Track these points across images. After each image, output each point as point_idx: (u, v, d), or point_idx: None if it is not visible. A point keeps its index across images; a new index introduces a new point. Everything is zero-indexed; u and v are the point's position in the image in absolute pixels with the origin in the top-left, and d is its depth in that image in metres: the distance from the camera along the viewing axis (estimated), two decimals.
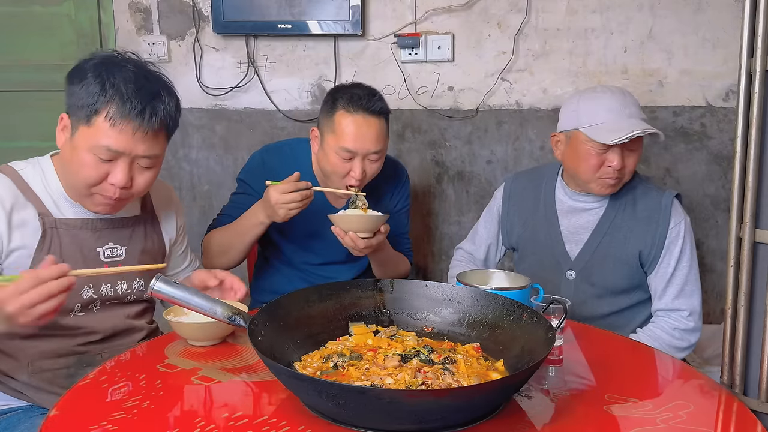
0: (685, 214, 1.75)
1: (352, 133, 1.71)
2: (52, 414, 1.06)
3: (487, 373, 1.16)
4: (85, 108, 1.31)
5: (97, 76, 1.31)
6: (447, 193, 2.65)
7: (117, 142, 1.31)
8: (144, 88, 1.33)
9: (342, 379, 1.12)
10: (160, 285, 1.18)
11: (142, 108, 1.31)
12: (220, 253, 1.81)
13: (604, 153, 1.67)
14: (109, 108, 1.30)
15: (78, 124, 1.33)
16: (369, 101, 1.72)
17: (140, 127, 1.32)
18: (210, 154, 2.70)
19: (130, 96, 1.30)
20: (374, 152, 1.74)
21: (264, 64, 2.62)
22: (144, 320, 1.57)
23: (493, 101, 2.57)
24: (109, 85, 1.30)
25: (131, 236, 1.50)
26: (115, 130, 1.30)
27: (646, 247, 1.73)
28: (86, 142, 1.32)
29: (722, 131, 2.50)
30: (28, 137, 2.64)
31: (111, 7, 2.64)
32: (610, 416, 1.08)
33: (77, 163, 1.33)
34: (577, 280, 1.79)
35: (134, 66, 1.36)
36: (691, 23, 2.45)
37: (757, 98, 1.37)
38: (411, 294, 1.38)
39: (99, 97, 1.30)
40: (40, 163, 1.43)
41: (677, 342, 1.69)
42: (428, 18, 2.53)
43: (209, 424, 1.02)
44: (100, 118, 1.30)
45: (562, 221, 1.82)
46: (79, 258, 1.41)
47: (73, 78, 1.35)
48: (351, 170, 1.74)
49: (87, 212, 1.43)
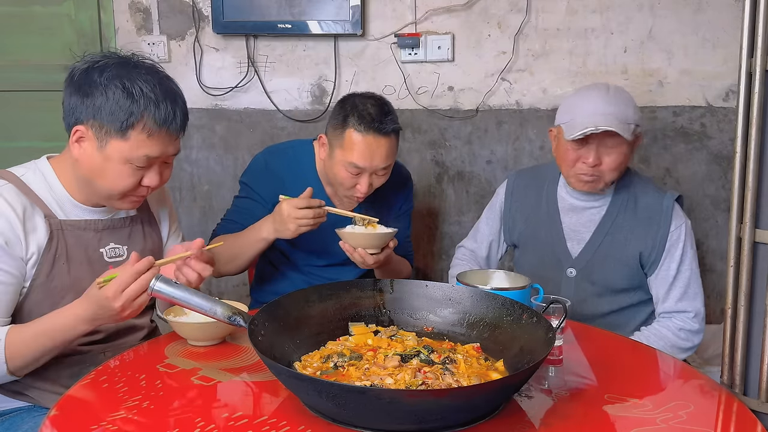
0: (685, 218, 1.75)
1: (361, 152, 1.70)
2: (52, 414, 1.06)
3: (487, 373, 1.16)
4: (115, 122, 1.31)
5: (120, 87, 1.31)
6: (447, 193, 2.65)
7: (154, 150, 1.35)
8: (167, 92, 1.35)
9: (342, 379, 1.12)
10: (160, 285, 1.18)
11: (173, 113, 1.34)
12: (225, 261, 1.81)
13: (579, 149, 1.69)
14: (145, 120, 1.31)
15: (108, 137, 1.32)
16: (381, 123, 1.69)
17: (172, 132, 1.36)
18: (210, 154, 2.70)
19: (159, 103, 1.32)
20: (383, 168, 1.74)
21: (264, 64, 2.62)
22: (144, 319, 1.58)
23: (493, 101, 2.57)
24: (138, 95, 1.31)
25: (130, 235, 1.51)
26: (152, 140, 1.33)
27: (647, 249, 1.73)
28: (122, 154, 1.33)
29: (722, 131, 2.50)
30: (28, 137, 2.64)
31: (111, 7, 2.64)
32: (610, 416, 1.08)
33: (113, 174, 1.35)
34: (578, 278, 1.79)
35: (146, 70, 1.36)
36: (691, 23, 2.45)
37: (757, 98, 1.37)
38: (411, 294, 1.38)
39: (131, 109, 1.30)
40: (38, 167, 1.42)
41: (682, 342, 1.70)
42: (428, 18, 2.53)
43: (209, 424, 1.02)
44: (136, 132, 1.32)
45: (564, 219, 1.83)
46: (84, 259, 1.42)
47: (84, 88, 1.32)
48: (358, 184, 1.74)
49: (90, 213, 1.44)
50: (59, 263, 1.38)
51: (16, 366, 1.30)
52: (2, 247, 1.30)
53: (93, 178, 1.37)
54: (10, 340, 1.28)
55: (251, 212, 1.85)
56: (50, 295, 1.38)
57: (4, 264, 1.31)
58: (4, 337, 1.28)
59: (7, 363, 1.28)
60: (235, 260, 1.79)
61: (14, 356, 1.28)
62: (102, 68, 1.33)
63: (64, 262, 1.39)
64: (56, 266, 1.38)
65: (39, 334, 1.28)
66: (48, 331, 1.28)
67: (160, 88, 1.34)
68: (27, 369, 1.32)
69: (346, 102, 1.76)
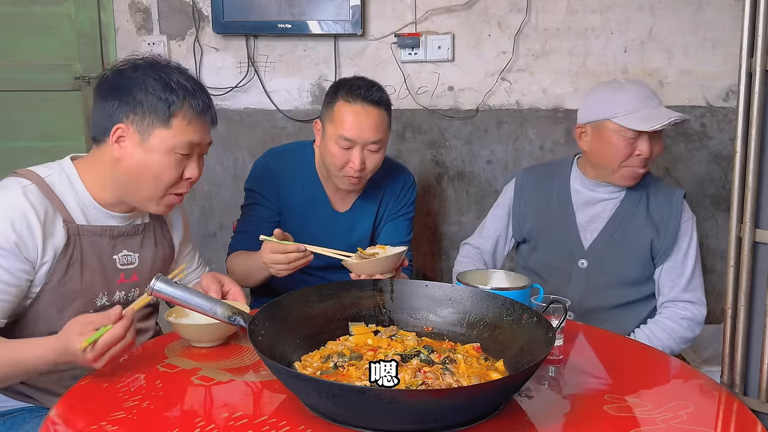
0: (692, 214, 1.82)
1: (350, 122, 1.73)
2: (53, 414, 1.06)
3: (487, 373, 1.15)
4: (158, 112, 1.35)
5: (158, 79, 1.36)
6: (447, 193, 2.65)
7: (196, 136, 1.39)
8: (199, 85, 1.41)
9: (342, 379, 1.11)
10: (161, 285, 1.18)
11: (208, 104, 1.41)
12: (242, 279, 1.79)
13: (634, 142, 1.72)
14: (184, 108, 1.36)
15: (151, 129, 1.35)
16: (368, 91, 1.75)
17: (208, 121, 1.42)
18: (210, 154, 2.69)
19: (195, 93, 1.38)
20: (373, 142, 1.75)
21: (264, 64, 2.62)
22: (149, 322, 1.58)
23: (493, 101, 2.57)
24: (176, 86, 1.36)
25: (142, 243, 1.51)
26: (193, 127, 1.38)
27: (658, 238, 1.77)
28: (166, 143, 1.36)
29: (722, 131, 2.50)
30: (28, 137, 2.64)
31: (111, 7, 2.64)
32: (610, 416, 1.08)
33: (158, 166, 1.37)
34: (589, 269, 1.82)
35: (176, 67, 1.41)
36: (691, 23, 2.45)
37: (757, 98, 1.37)
38: (411, 294, 1.38)
39: (171, 99, 1.35)
40: (63, 169, 1.41)
41: (684, 332, 1.74)
42: (428, 18, 2.53)
43: (209, 424, 1.02)
44: (178, 119, 1.36)
45: (577, 212, 1.86)
46: (98, 266, 1.41)
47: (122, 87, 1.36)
48: (350, 160, 1.75)
49: (108, 219, 1.43)
50: (73, 269, 1.37)
51: None
52: (11, 250, 1.28)
53: (136, 176, 1.37)
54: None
55: (261, 218, 1.86)
56: (59, 299, 1.37)
57: (9, 266, 1.28)
58: None
59: None
60: (249, 279, 1.80)
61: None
62: (134, 67, 1.38)
63: (78, 267, 1.38)
64: (69, 272, 1.37)
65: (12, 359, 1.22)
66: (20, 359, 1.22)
67: (193, 81, 1.40)
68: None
69: (337, 83, 1.84)
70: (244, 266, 1.80)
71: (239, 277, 1.78)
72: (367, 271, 1.60)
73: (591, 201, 1.85)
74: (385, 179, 1.93)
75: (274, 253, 1.61)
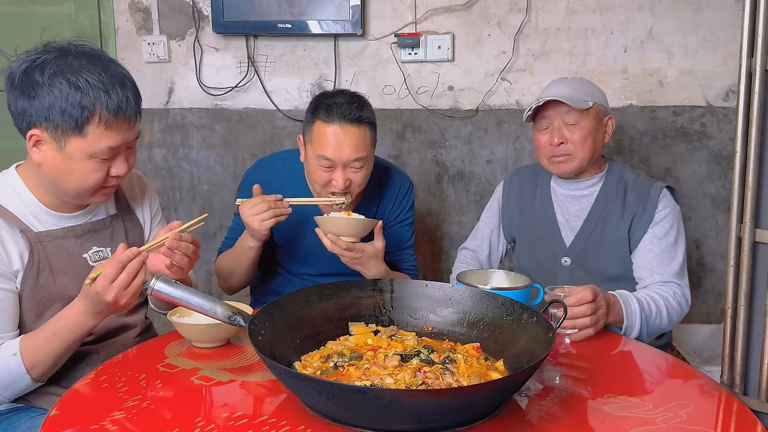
0: (675, 204, 1.78)
1: (329, 143, 1.67)
2: (52, 414, 1.06)
3: (487, 373, 1.16)
4: (69, 120, 1.26)
5: (66, 83, 1.25)
6: (447, 193, 2.65)
7: (115, 140, 1.31)
8: (114, 77, 1.29)
9: (342, 379, 1.12)
10: (160, 285, 1.18)
11: (125, 99, 1.29)
12: (226, 277, 1.83)
13: (543, 134, 1.80)
14: (99, 112, 1.27)
15: (65, 137, 1.28)
16: (347, 110, 1.66)
17: (127, 118, 1.31)
18: (210, 154, 2.70)
19: (109, 91, 1.27)
20: (355, 160, 1.68)
21: (264, 63, 2.62)
22: (137, 317, 1.57)
23: (493, 101, 2.57)
24: (86, 87, 1.25)
25: (112, 236, 1.49)
26: (111, 130, 1.29)
27: (634, 227, 1.76)
28: (83, 151, 1.29)
29: (722, 131, 2.50)
30: None
31: (111, 7, 2.64)
32: (610, 416, 1.08)
33: (80, 172, 1.31)
34: (573, 267, 1.83)
35: (87, 59, 1.29)
36: (691, 23, 2.45)
37: (757, 98, 1.37)
38: (411, 294, 1.38)
39: (82, 103, 1.25)
40: (7, 180, 1.38)
41: (676, 306, 1.68)
42: (428, 18, 2.53)
43: (209, 424, 1.02)
44: (92, 126, 1.27)
45: (557, 209, 1.88)
46: (69, 267, 1.40)
47: (28, 90, 1.27)
48: (333, 179, 1.70)
49: (67, 220, 1.42)
50: (44, 275, 1.37)
51: (39, 373, 1.31)
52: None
53: (60, 179, 1.33)
54: (25, 351, 1.29)
55: None
56: (37, 306, 1.37)
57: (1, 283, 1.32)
58: (19, 349, 1.29)
59: (29, 372, 1.29)
60: (235, 273, 1.81)
61: (35, 365, 1.29)
62: (42, 66, 1.27)
63: (49, 273, 1.37)
64: (41, 278, 1.36)
65: (51, 338, 1.29)
66: (59, 332, 1.29)
67: (106, 75, 1.28)
68: (49, 373, 1.33)
69: (316, 99, 1.76)
70: (229, 256, 1.81)
71: (224, 275, 1.82)
72: (326, 228, 1.63)
73: (568, 198, 1.87)
74: (378, 188, 1.89)
75: (254, 206, 1.64)
